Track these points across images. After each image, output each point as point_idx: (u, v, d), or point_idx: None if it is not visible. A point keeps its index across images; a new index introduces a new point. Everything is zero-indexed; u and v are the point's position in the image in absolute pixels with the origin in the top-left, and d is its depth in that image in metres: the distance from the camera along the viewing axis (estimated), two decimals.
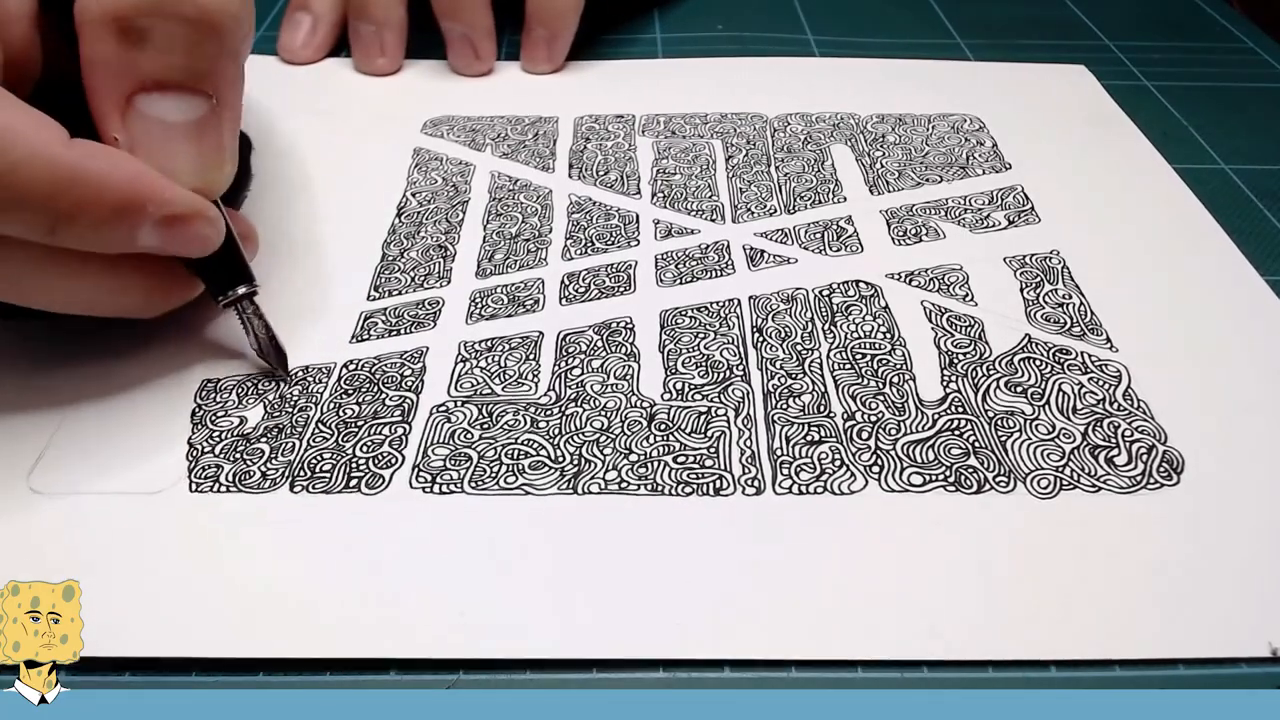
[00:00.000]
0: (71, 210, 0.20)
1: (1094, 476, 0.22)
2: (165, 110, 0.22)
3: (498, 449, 0.23)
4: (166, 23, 0.21)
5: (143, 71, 0.21)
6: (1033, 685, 0.19)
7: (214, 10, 0.21)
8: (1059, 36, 0.43)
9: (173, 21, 0.21)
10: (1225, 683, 0.19)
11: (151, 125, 0.22)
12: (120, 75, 0.21)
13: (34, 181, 0.19)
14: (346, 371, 0.25)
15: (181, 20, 0.21)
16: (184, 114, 0.22)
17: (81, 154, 0.20)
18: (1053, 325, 0.27)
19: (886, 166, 0.33)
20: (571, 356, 0.26)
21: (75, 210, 0.20)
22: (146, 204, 0.21)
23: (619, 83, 0.38)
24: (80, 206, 0.20)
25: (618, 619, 0.19)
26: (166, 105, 0.22)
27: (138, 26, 0.21)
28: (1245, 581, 0.20)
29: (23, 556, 0.20)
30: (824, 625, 0.19)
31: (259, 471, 0.22)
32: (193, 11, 0.21)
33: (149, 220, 0.21)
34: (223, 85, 0.22)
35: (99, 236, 0.21)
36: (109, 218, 0.21)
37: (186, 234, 0.22)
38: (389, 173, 0.33)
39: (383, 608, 0.20)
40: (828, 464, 0.23)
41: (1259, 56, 0.41)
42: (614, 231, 0.30)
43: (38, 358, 0.25)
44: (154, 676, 0.19)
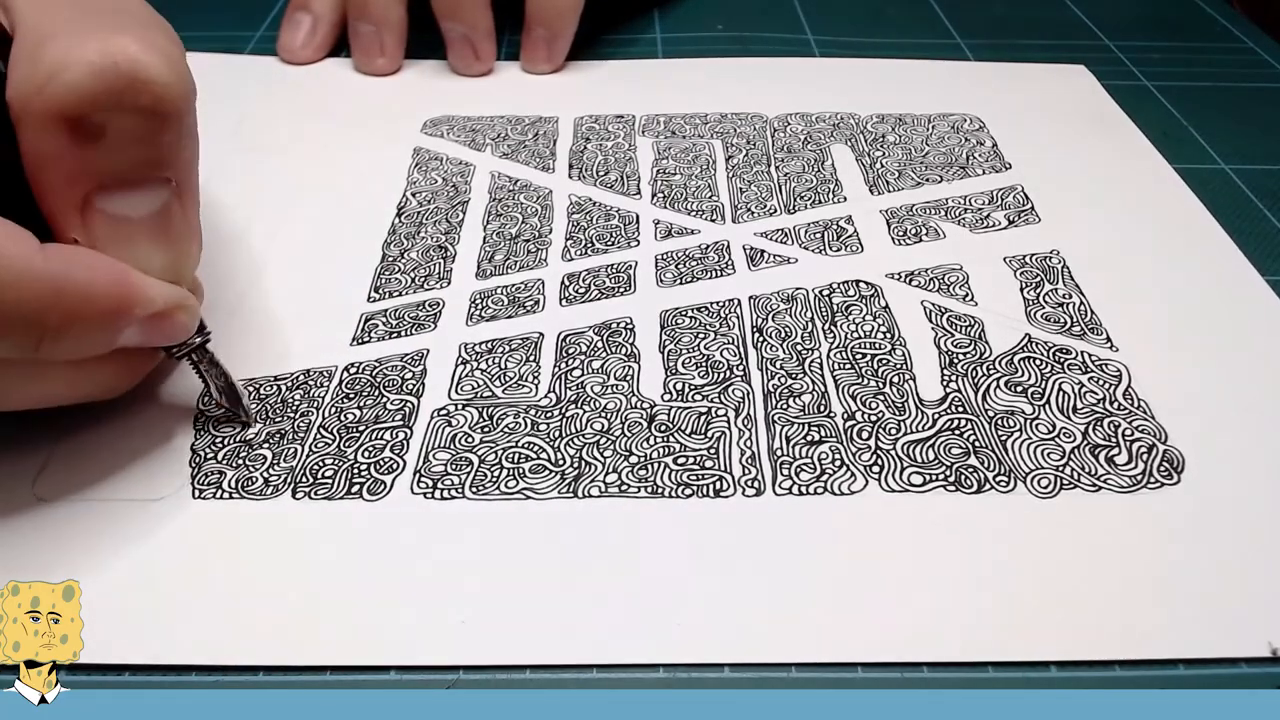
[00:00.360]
0: (60, 325, 0.19)
1: (1094, 476, 0.22)
2: (129, 207, 0.20)
3: (498, 452, 0.23)
4: (122, 117, 0.19)
5: (100, 170, 0.20)
6: (1033, 685, 0.19)
7: (171, 95, 0.20)
8: (1059, 36, 0.43)
9: (129, 114, 0.19)
10: (1225, 683, 0.19)
11: (115, 223, 0.20)
12: (76, 176, 0.19)
13: (19, 302, 0.18)
14: (347, 375, 0.25)
15: (138, 112, 0.19)
16: (148, 207, 0.20)
17: (62, 264, 0.19)
18: (1053, 325, 0.27)
19: (886, 166, 0.33)
20: (572, 357, 0.26)
21: (64, 324, 0.19)
22: (132, 307, 0.20)
23: (619, 83, 0.38)
24: (69, 320, 0.19)
25: (619, 623, 0.19)
26: (129, 202, 0.20)
27: (91, 123, 0.19)
28: (1245, 581, 0.20)
29: (27, 563, 0.20)
30: (824, 625, 0.19)
31: (262, 478, 0.22)
32: (149, 101, 0.19)
33: (134, 322, 0.20)
34: (181, 168, 0.21)
35: (84, 344, 0.20)
36: (97, 327, 0.20)
37: (168, 327, 0.21)
38: (389, 173, 0.33)
39: (384, 615, 0.20)
40: (828, 464, 0.23)
41: (1259, 56, 0.41)
42: (614, 232, 0.30)
43: None
44: (154, 676, 0.19)
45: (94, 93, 0.19)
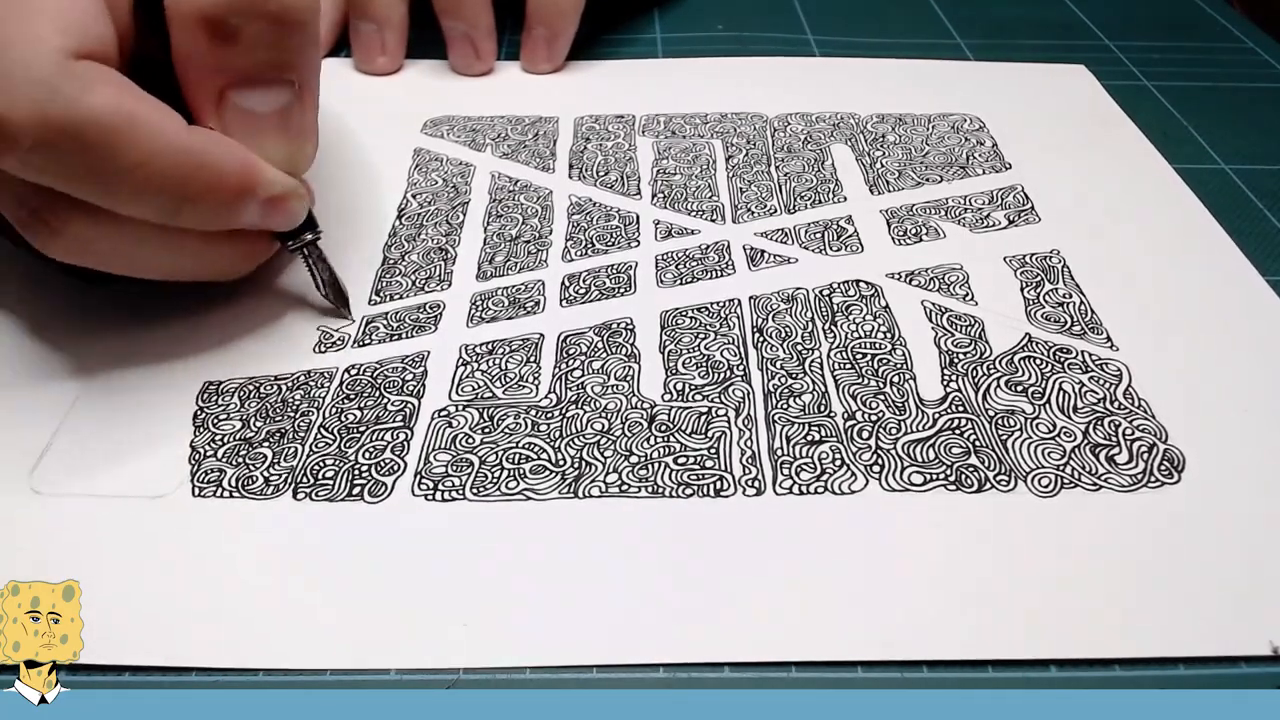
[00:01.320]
0: (196, 194, 0.22)
1: (1095, 475, 0.22)
2: (256, 102, 0.23)
3: (499, 453, 0.23)
4: (254, 21, 0.22)
5: (234, 68, 0.22)
6: (1033, 685, 0.19)
7: (297, 6, 0.22)
8: (1059, 36, 0.43)
9: (260, 20, 0.22)
10: (1225, 682, 0.19)
11: (244, 116, 0.23)
12: (213, 71, 0.22)
13: (166, 169, 0.21)
14: (348, 376, 0.25)
15: (268, 18, 0.22)
16: (273, 104, 0.23)
17: (203, 142, 0.22)
18: (1053, 324, 0.27)
19: (886, 166, 0.33)
20: (572, 358, 0.26)
21: (199, 195, 0.22)
22: (256, 187, 0.23)
23: (619, 83, 0.38)
24: (204, 191, 0.22)
25: (619, 623, 0.19)
26: (257, 98, 0.23)
27: (228, 25, 0.22)
28: (1246, 580, 0.20)
29: (23, 557, 0.20)
30: (824, 625, 0.19)
31: (262, 477, 0.22)
32: (277, 9, 0.22)
33: (256, 201, 0.23)
34: (304, 72, 0.24)
35: (214, 216, 0.23)
36: (227, 200, 0.23)
37: (283, 211, 0.24)
38: (389, 174, 0.33)
39: (385, 617, 0.20)
40: (828, 464, 0.23)
41: (1259, 56, 0.41)
42: (614, 232, 0.30)
43: (41, 358, 0.25)
44: (154, 676, 0.19)
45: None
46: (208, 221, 0.23)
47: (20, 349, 0.25)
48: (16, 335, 0.26)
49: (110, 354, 0.25)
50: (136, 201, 0.21)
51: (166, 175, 0.21)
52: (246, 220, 0.23)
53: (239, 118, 0.23)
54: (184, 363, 0.25)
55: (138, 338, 0.26)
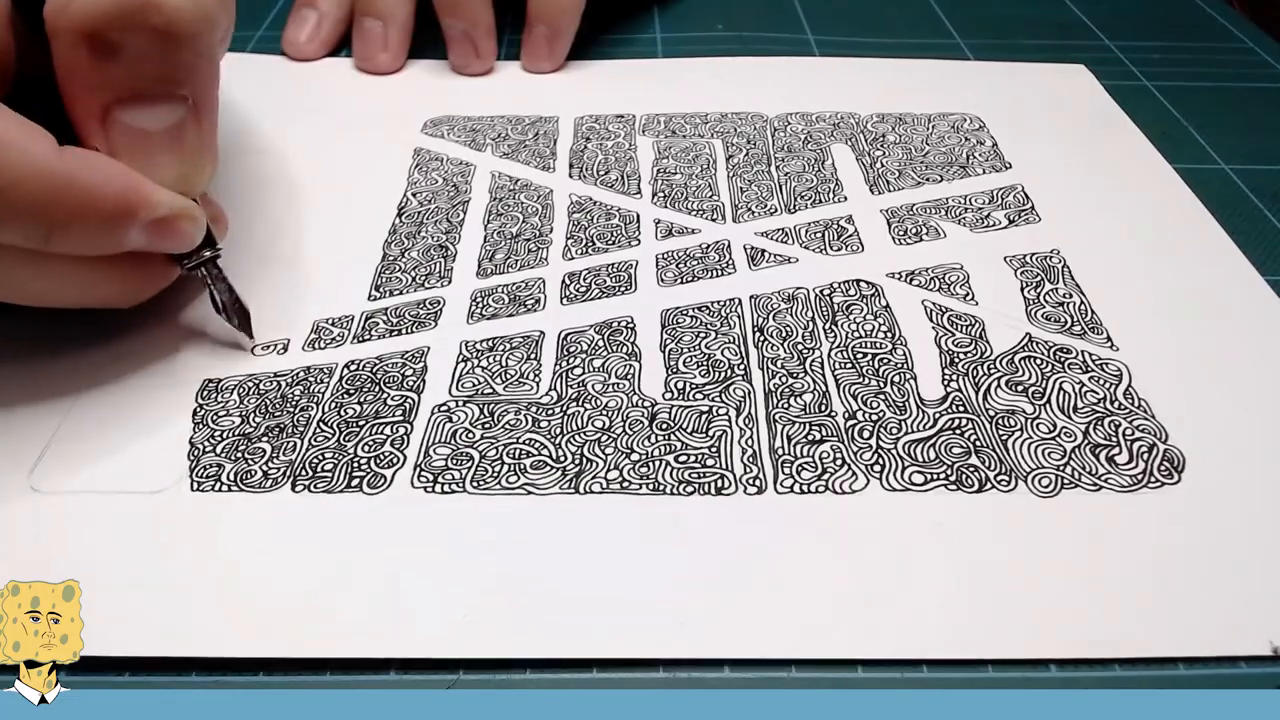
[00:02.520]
0: (67, 219, 0.21)
1: (1095, 475, 0.22)
2: (144, 120, 0.22)
3: (499, 448, 0.23)
4: (137, 35, 0.21)
5: (118, 84, 0.21)
6: (1033, 685, 0.19)
7: (183, 19, 0.21)
8: (1059, 36, 0.43)
9: (143, 33, 0.21)
10: (1225, 682, 0.19)
11: (132, 134, 0.22)
12: (96, 87, 0.21)
13: (32, 193, 0.20)
14: (348, 371, 0.25)
15: (150, 32, 0.21)
16: (162, 121, 0.22)
17: (75, 164, 0.21)
18: (1053, 324, 0.27)
19: (887, 166, 0.33)
20: (573, 356, 0.26)
21: (70, 219, 0.21)
22: (138, 210, 0.22)
23: (619, 83, 0.38)
24: (75, 215, 0.21)
25: (619, 619, 0.19)
26: (144, 115, 0.22)
27: (109, 40, 0.21)
28: (1246, 579, 0.20)
29: (23, 555, 0.20)
30: (824, 625, 0.19)
31: (260, 471, 0.22)
32: (161, 22, 0.21)
33: (139, 225, 0.22)
34: (198, 88, 0.23)
35: (91, 241, 0.22)
36: (102, 225, 0.21)
37: (174, 234, 0.23)
38: (390, 173, 0.33)
39: (385, 608, 0.19)
40: (829, 463, 0.23)
41: (1259, 56, 0.41)
42: (615, 231, 0.30)
43: (40, 356, 0.25)
44: (154, 676, 0.19)
45: (109, 12, 0.20)
46: (84, 246, 0.22)
47: (20, 347, 0.25)
48: (16, 334, 0.26)
49: (110, 351, 0.25)
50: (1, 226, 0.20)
51: (32, 199, 0.20)
52: (131, 244, 0.22)
53: (126, 136, 0.22)
54: (184, 359, 0.25)
55: (138, 334, 0.26)
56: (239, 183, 0.32)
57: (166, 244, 0.23)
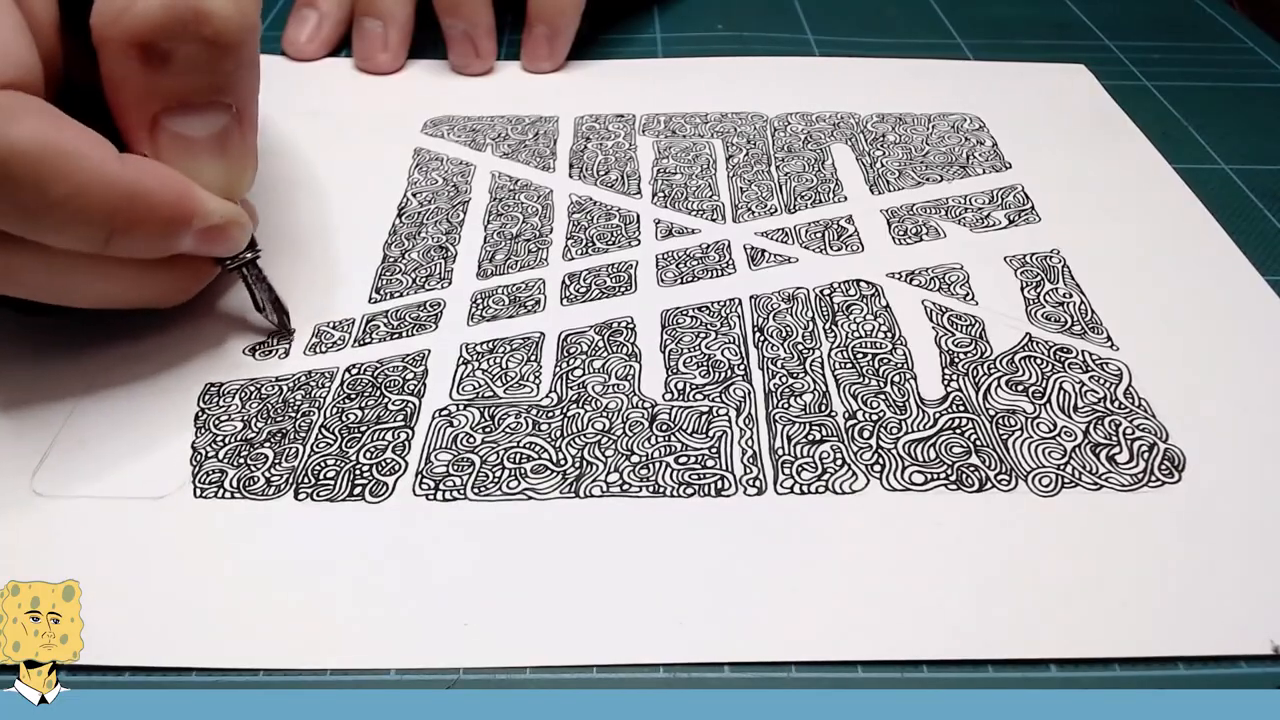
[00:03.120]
0: (128, 225, 0.21)
1: (1095, 474, 0.22)
2: (191, 128, 0.22)
3: (500, 453, 0.23)
4: (187, 44, 0.21)
5: (167, 92, 0.22)
6: (1033, 685, 0.19)
7: (231, 28, 0.22)
8: (1059, 36, 0.43)
9: (193, 43, 0.21)
10: (1225, 682, 0.19)
11: (179, 141, 0.22)
12: (145, 96, 0.22)
13: (97, 201, 0.20)
14: (349, 375, 0.25)
15: (201, 41, 0.21)
16: (209, 129, 0.23)
17: (135, 172, 0.21)
18: (1053, 324, 0.27)
19: (887, 166, 0.33)
20: (573, 357, 0.26)
21: (131, 225, 0.21)
22: (192, 217, 0.22)
23: (619, 83, 0.38)
24: (136, 222, 0.21)
25: (619, 623, 0.19)
26: (192, 123, 0.22)
27: (159, 49, 0.21)
28: (1246, 579, 0.20)
29: (25, 559, 0.20)
30: (824, 625, 0.19)
31: (263, 478, 0.22)
32: (211, 32, 0.21)
33: (192, 231, 0.22)
34: (242, 95, 0.23)
35: (148, 246, 0.22)
36: (160, 230, 0.22)
37: (224, 240, 0.24)
38: (389, 173, 0.33)
39: (386, 616, 0.19)
40: (829, 463, 0.23)
41: (1259, 56, 0.41)
42: (615, 231, 0.30)
43: (42, 360, 0.25)
44: (154, 676, 0.19)
45: (163, 22, 0.21)
46: (141, 251, 0.22)
47: (22, 351, 0.25)
48: (19, 338, 0.26)
49: (112, 356, 0.25)
50: (64, 234, 0.21)
51: (96, 207, 0.20)
52: (183, 249, 0.23)
53: (173, 143, 0.22)
54: (186, 363, 0.25)
55: (140, 339, 0.26)
56: None
57: (215, 249, 0.24)
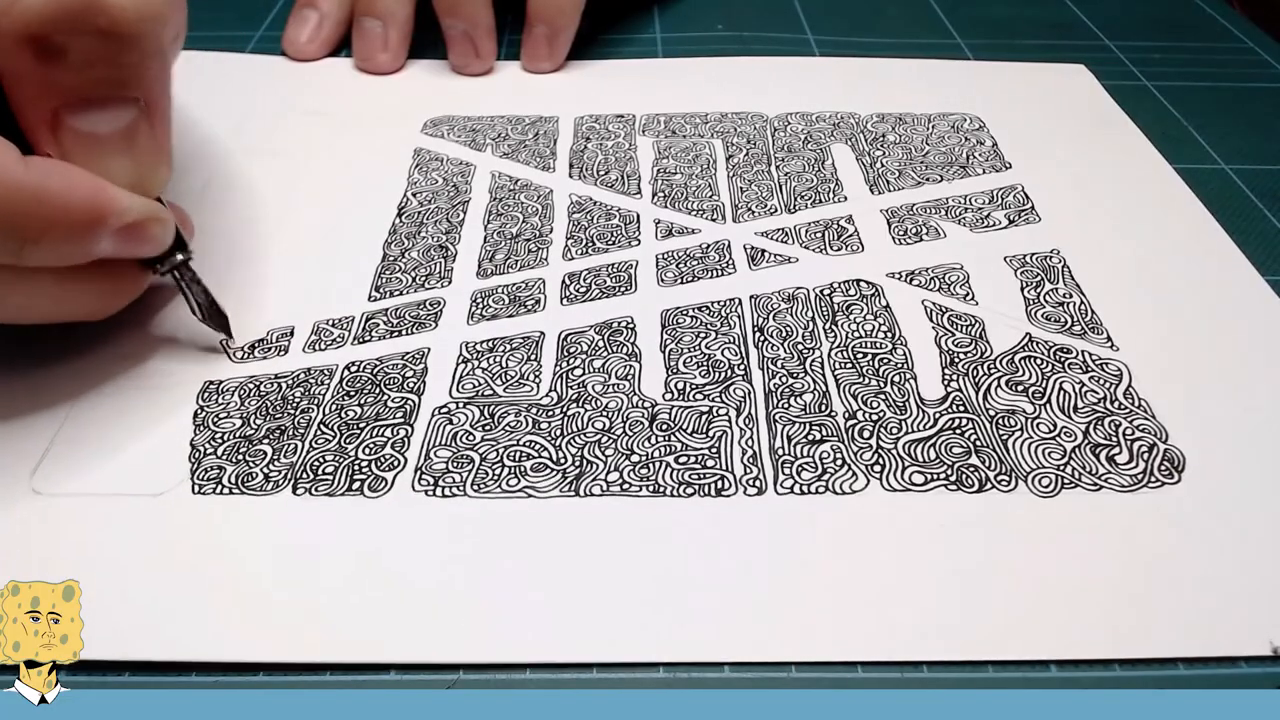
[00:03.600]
0: (38, 231, 0.20)
1: (1095, 475, 0.22)
2: (94, 124, 0.21)
3: (499, 451, 0.23)
4: (81, 37, 0.20)
5: (66, 88, 0.21)
6: (1033, 685, 0.19)
7: (128, 19, 0.21)
8: (1059, 36, 0.43)
9: (88, 35, 0.20)
10: (1225, 683, 0.19)
11: (84, 138, 0.21)
12: (43, 93, 0.21)
13: (2, 207, 0.19)
14: (348, 373, 0.25)
15: (95, 34, 0.20)
16: (113, 124, 0.22)
17: (40, 173, 0.20)
18: (1053, 324, 0.27)
19: (887, 166, 0.33)
20: (573, 357, 0.26)
21: (41, 231, 0.20)
22: (107, 216, 0.21)
23: (619, 83, 0.38)
24: (46, 227, 0.20)
25: (620, 622, 0.19)
26: (94, 119, 0.21)
27: (52, 43, 0.20)
28: (1246, 579, 0.20)
29: (24, 557, 0.20)
30: (824, 625, 0.19)
31: (262, 474, 0.22)
32: (106, 24, 0.20)
33: (108, 231, 0.21)
34: (149, 88, 0.22)
35: (64, 251, 0.21)
36: (74, 233, 0.21)
37: (143, 238, 0.22)
38: (389, 173, 0.33)
39: (385, 612, 0.19)
40: (829, 463, 0.23)
41: (1259, 56, 0.41)
42: (615, 231, 0.30)
43: (41, 358, 0.25)
44: (154, 676, 0.19)
45: (53, 15, 0.20)
46: (58, 259, 0.21)
47: (21, 350, 0.25)
48: (17, 336, 0.26)
49: (111, 353, 0.25)
50: None
51: (4, 214, 0.19)
52: (103, 252, 0.22)
53: (78, 141, 0.21)
54: (184, 361, 0.25)
55: (137, 336, 0.26)
56: (239, 184, 0.32)
57: (136, 249, 0.23)
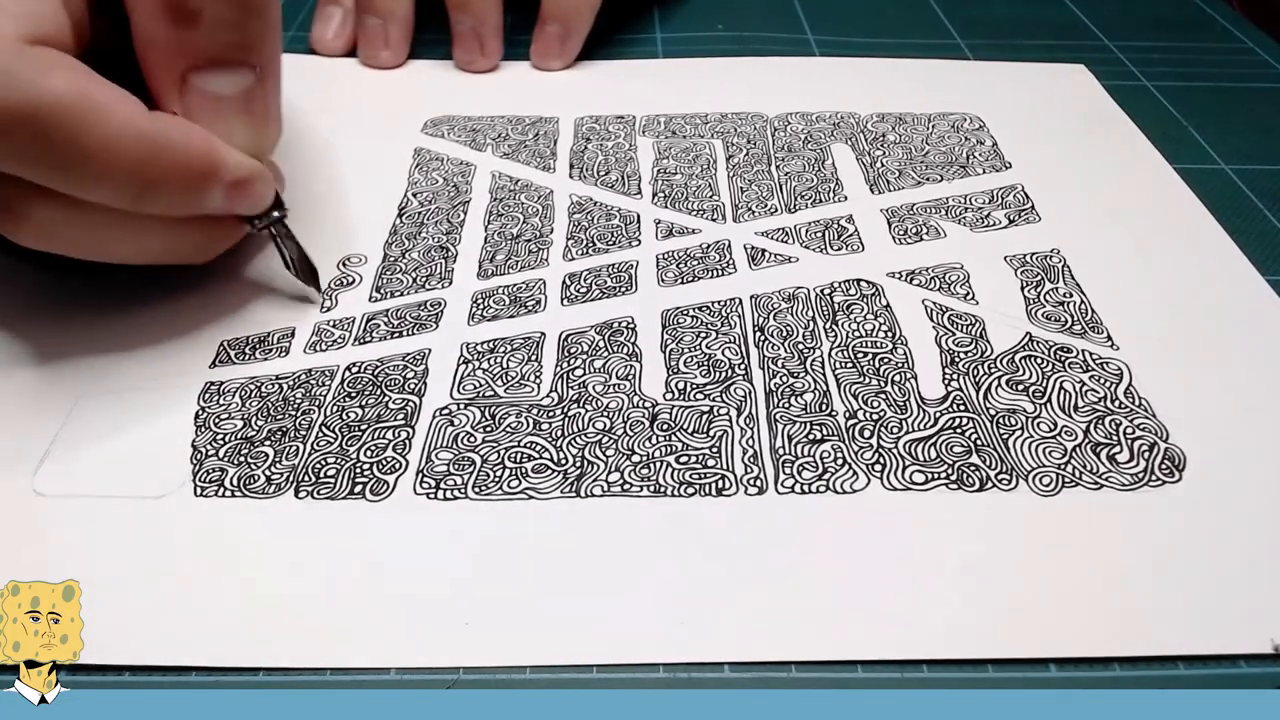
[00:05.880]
0: (157, 179, 0.22)
1: (1096, 474, 0.22)
2: (218, 85, 0.23)
3: (500, 452, 0.23)
4: (215, 5, 0.22)
5: (196, 50, 0.23)
6: (1032, 685, 0.19)
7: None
8: (1059, 36, 0.43)
9: (221, 3, 0.22)
10: (1225, 682, 0.19)
11: (207, 99, 0.23)
12: (175, 54, 0.23)
13: (125, 154, 0.21)
14: (349, 374, 0.25)
15: (229, 1, 0.22)
16: (235, 86, 0.24)
17: (164, 126, 0.22)
18: (1054, 323, 0.27)
19: (887, 165, 0.33)
20: (573, 357, 0.26)
21: (160, 179, 0.22)
22: (219, 171, 0.23)
23: (619, 83, 0.38)
24: (164, 176, 0.22)
25: (620, 622, 0.19)
26: (219, 80, 0.23)
27: (189, 9, 0.22)
28: (1247, 578, 0.20)
29: (25, 559, 0.20)
30: (824, 625, 0.19)
31: (264, 476, 0.22)
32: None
33: (220, 185, 0.23)
34: (266, 56, 0.24)
35: (177, 201, 0.23)
36: (190, 185, 0.23)
37: (249, 195, 0.24)
38: (390, 173, 0.33)
39: (387, 615, 0.19)
40: (830, 462, 0.23)
41: (1259, 56, 0.41)
42: (615, 231, 0.30)
43: (43, 358, 0.25)
44: (154, 676, 0.19)
45: None
46: (172, 207, 0.23)
47: (22, 351, 0.25)
48: (18, 337, 0.26)
49: (111, 355, 0.25)
50: (98, 186, 0.21)
51: (127, 160, 0.21)
52: (211, 205, 0.24)
53: (201, 101, 0.23)
54: (184, 362, 0.25)
55: (138, 338, 0.26)
56: None
57: (242, 205, 0.24)
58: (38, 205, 0.22)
